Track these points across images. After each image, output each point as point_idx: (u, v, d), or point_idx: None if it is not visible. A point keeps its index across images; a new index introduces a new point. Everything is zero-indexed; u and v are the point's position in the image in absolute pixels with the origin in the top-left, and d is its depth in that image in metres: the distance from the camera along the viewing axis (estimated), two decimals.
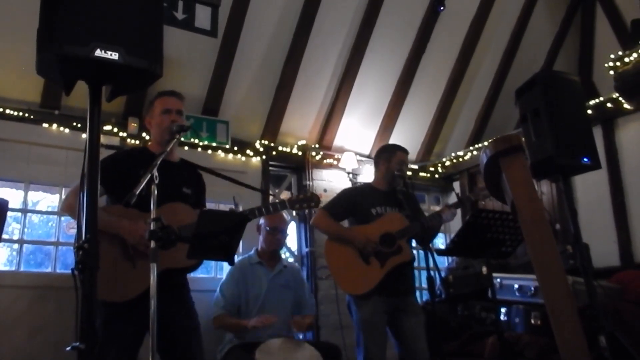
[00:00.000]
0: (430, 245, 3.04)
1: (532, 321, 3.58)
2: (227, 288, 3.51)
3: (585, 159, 2.02)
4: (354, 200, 3.35)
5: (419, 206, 3.53)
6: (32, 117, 3.83)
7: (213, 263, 4.36)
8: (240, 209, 2.60)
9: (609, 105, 4.44)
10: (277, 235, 3.62)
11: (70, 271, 1.29)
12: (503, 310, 3.82)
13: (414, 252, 3.41)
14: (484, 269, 4.08)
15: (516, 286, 3.77)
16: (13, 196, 3.81)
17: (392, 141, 5.45)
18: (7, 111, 3.74)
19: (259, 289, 3.49)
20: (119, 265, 2.28)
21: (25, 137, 3.80)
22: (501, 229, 2.68)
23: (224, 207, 3.85)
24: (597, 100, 4.52)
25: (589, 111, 4.27)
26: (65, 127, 3.93)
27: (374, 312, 3.08)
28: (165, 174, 2.03)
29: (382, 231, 3.14)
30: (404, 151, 3.44)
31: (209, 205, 2.89)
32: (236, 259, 2.68)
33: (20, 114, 3.80)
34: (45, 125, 3.88)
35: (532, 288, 3.64)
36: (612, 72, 4.29)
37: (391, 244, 3.11)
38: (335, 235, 3.24)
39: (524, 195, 1.74)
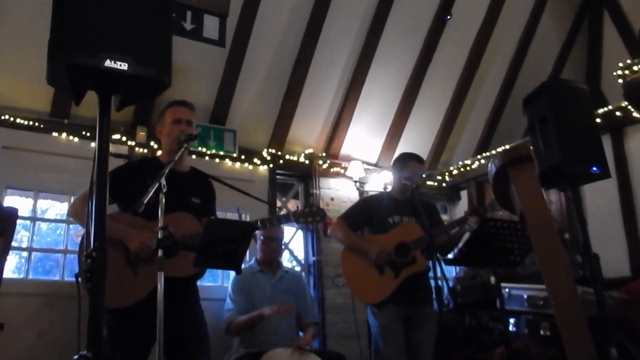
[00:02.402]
0: (438, 254, 3.01)
1: (542, 332, 3.54)
2: (235, 294, 3.52)
3: (594, 168, 2.00)
4: (370, 210, 3.35)
5: (439, 218, 3.48)
6: (42, 126, 3.87)
7: (220, 271, 4.36)
8: (248, 218, 2.61)
9: (617, 113, 4.42)
10: (271, 245, 3.63)
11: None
12: (512, 320, 3.78)
13: None
14: (492, 279, 4.05)
15: (525, 296, 3.73)
16: (22, 204, 3.85)
17: (399, 150, 5.45)
18: (18, 120, 3.79)
19: (263, 295, 3.49)
20: (121, 272, 2.29)
21: (35, 146, 3.84)
22: (509, 238, 2.65)
23: (230, 215, 3.85)
24: (605, 109, 4.50)
25: (598, 120, 4.25)
26: (74, 136, 3.97)
27: (391, 319, 3.10)
28: (173, 184, 2.04)
29: (397, 241, 3.13)
30: (418, 160, 3.39)
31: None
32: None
33: (30, 123, 3.84)
34: (54, 134, 3.92)
35: (542, 298, 3.60)
36: (620, 81, 4.27)
37: (406, 254, 3.11)
38: (351, 246, 3.24)
39: (532, 205, 1.73)
